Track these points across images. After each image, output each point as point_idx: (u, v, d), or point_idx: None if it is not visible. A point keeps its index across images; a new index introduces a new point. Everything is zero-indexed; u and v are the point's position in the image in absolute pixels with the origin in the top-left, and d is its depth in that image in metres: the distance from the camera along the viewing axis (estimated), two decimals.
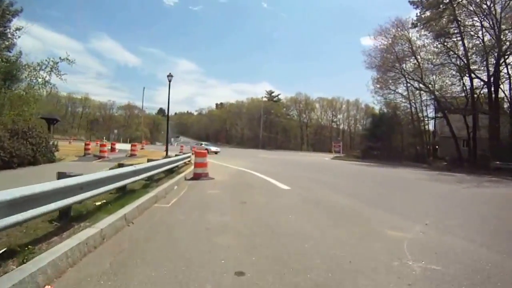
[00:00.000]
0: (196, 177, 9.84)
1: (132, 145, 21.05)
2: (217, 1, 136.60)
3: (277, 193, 7.48)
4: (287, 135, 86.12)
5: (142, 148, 30.92)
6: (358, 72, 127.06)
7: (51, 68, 15.86)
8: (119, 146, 26.85)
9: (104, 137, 47.14)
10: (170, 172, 9.92)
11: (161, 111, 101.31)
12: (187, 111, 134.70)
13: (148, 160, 8.94)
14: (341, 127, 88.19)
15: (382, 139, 35.60)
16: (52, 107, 57.18)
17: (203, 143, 31.60)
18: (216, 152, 27.72)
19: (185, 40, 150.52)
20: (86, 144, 19.22)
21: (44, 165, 12.22)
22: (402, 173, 17.34)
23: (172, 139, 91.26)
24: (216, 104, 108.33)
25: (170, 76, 17.50)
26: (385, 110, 37.86)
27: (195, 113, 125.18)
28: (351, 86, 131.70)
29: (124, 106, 64.09)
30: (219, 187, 8.20)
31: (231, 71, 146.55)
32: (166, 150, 18.71)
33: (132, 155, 19.38)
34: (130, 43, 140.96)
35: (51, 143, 13.82)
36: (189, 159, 14.37)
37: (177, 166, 11.91)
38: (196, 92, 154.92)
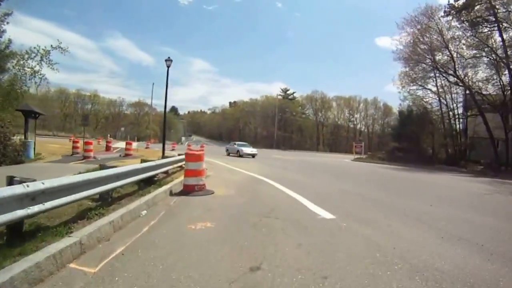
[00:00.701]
0: (187, 190, 6.67)
1: (127, 143, 18.10)
2: (231, 0, 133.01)
3: (320, 234, 4.00)
4: (302, 134, 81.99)
5: (147, 147, 28.23)
6: (373, 72, 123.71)
7: (41, 57, 13.80)
8: (120, 144, 24.25)
9: (109, 135, 44.93)
10: (152, 182, 6.75)
11: (173, 109, 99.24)
12: (201, 110, 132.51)
13: (142, 161, 7.61)
14: (358, 126, 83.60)
15: (410, 140, 31.57)
16: (60, 103, 55.91)
17: (236, 143, 25.28)
18: (253, 156, 22.43)
19: (199, 40, 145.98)
20: (74, 142, 16.43)
21: None
22: (458, 182, 13.65)
23: (184, 138, 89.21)
24: (230, 103, 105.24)
25: (169, 60, 14.41)
26: (412, 108, 33.66)
27: (209, 112, 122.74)
28: (366, 86, 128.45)
29: (134, 103, 61.76)
30: (216, 214, 4.95)
31: (245, 71, 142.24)
32: (163, 150, 15.60)
33: (127, 155, 16.49)
34: (143, 42, 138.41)
35: (15, 139, 10.94)
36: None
37: (166, 172, 8.79)
38: (210, 91, 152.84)
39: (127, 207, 4.53)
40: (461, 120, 31.01)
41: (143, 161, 7.73)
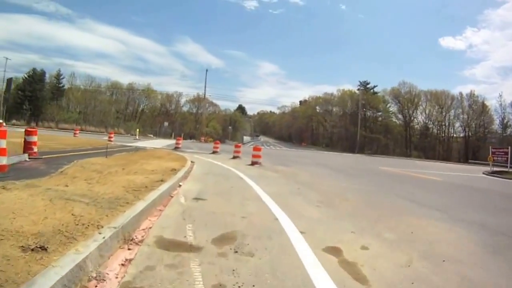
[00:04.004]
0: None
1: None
2: (296, 4, 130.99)
3: None
4: (387, 136, 67.08)
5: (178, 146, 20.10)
6: (439, 73, 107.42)
7: None
8: (161, 142, 17.60)
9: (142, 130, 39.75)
10: None
11: (240, 108, 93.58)
12: (270, 111, 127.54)
13: None
14: (446, 127, 65.36)
15: None
16: (110, 98, 53.83)
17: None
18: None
19: (267, 43, 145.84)
20: (28, 134, 8.95)
21: None
22: None
23: (249, 138, 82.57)
24: (300, 101, 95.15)
25: None
26: None
27: (277, 112, 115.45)
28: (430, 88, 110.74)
29: (192, 99, 56.76)
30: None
31: (312, 73, 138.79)
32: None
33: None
34: (213, 46, 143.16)
35: None
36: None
37: None
38: (278, 94, 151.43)
39: None
40: None
41: None
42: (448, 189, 10.09)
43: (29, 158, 8.56)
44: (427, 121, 67.14)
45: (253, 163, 12.20)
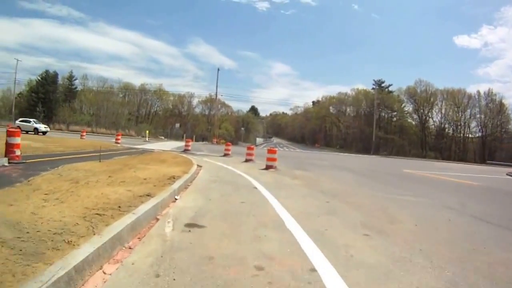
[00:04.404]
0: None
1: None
2: (308, 5, 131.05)
3: None
4: (402, 137, 63.99)
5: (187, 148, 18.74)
6: (455, 72, 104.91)
7: None
8: (171, 144, 18.70)
9: (154, 132, 38.74)
10: None
11: (252, 109, 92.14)
12: (282, 112, 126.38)
13: None
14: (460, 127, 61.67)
15: None
16: (122, 99, 53.15)
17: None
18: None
19: (279, 44, 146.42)
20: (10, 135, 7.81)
21: None
22: None
23: (262, 140, 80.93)
24: (313, 102, 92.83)
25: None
26: None
27: (290, 113, 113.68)
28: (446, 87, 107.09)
29: (205, 99, 55.33)
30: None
31: (325, 74, 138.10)
32: None
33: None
34: (225, 47, 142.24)
35: None
36: None
37: None
38: (291, 94, 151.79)
39: None
40: None
41: None
42: (496, 196, 8.38)
43: (9, 163, 7.39)
44: (442, 121, 63.93)
45: (267, 167, 10.69)
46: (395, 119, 66.73)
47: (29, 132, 25.05)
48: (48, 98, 48.33)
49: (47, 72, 50.58)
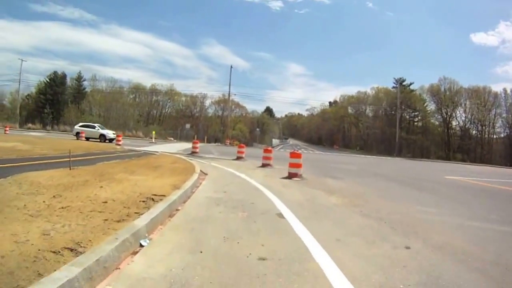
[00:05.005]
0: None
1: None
2: (322, 3, 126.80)
3: None
4: (427, 138, 59.82)
5: (195, 150, 16.65)
6: (471, 70, 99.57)
7: None
8: (179, 145, 20.29)
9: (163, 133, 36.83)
10: None
11: (268, 109, 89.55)
12: (298, 113, 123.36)
13: None
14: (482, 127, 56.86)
15: None
16: (132, 100, 51.77)
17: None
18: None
19: (293, 43, 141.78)
20: None
21: None
22: None
23: (278, 141, 78.32)
24: (330, 102, 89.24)
25: None
26: None
27: (306, 113, 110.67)
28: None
29: (218, 100, 53.15)
30: None
31: (340, 74, 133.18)
32: None
33: None
34: (238, 48, 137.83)
35: None
36: None
37: None
38: (306, 95, 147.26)
39: None
40: None
41: None
42: None
43: None
44: (467, 121, 59.40)
45: (290, 175, 8.35)
46: (417, 119, 62.79)
47: (90, 139, 21.74)
48: (56, 100, 47.32)
49: (55, 73, 49.29)
